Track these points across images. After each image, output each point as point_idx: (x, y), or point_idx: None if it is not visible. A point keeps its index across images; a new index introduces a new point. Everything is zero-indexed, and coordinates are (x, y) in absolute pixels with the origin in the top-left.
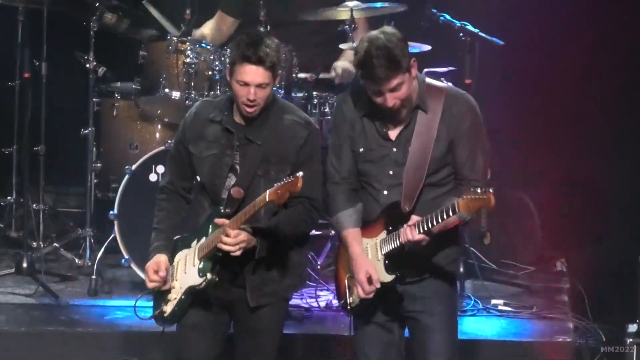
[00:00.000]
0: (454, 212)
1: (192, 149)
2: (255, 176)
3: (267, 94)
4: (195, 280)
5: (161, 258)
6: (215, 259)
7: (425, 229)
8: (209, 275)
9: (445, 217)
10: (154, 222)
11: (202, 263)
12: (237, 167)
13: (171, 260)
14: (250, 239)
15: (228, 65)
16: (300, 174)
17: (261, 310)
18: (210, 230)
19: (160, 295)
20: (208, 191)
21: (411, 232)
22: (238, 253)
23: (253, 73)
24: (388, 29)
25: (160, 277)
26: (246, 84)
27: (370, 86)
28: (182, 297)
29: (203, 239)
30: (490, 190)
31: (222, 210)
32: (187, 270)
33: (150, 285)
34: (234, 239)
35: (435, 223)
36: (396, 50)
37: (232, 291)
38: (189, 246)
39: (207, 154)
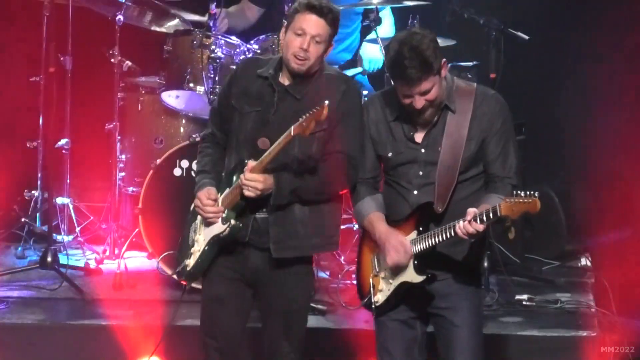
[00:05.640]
0: (494, 216)
1: (236, 103)
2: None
3: (319, 53)
4: (219, 228)
5: (211, 188)
6: (239, 208)
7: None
8: (232, 222)
9: (485, 220)
10: (198, 167)
11: (225, 212)
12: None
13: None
14: (268, 181)
15: (284, 21)
16: (327, 102)
17: (285, 281)
18: (234, 181)
19: (182, 252)
20: (245, 148)
21: (472, 225)
22: (251, 194)
23: (313, 22)
24: (419, 29)
25: (214, 200)
26: (303, 33)
27: (400, 88)
28: (206, 248)
29: (226, 190)
30: (536, 194)
31: (246, 161)
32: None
33: (205, 209)
34: (249, 176)
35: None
36: (428, 52)
37: (255, 255)
38: None
39: (250, 110)
